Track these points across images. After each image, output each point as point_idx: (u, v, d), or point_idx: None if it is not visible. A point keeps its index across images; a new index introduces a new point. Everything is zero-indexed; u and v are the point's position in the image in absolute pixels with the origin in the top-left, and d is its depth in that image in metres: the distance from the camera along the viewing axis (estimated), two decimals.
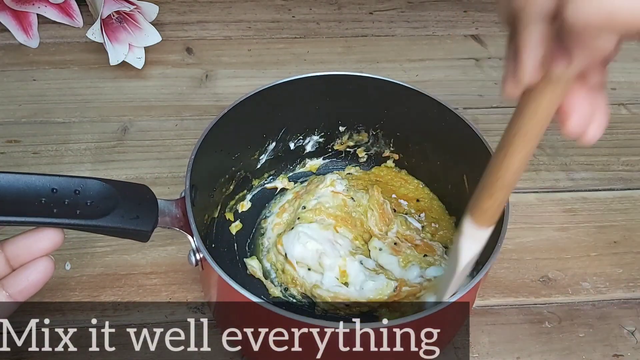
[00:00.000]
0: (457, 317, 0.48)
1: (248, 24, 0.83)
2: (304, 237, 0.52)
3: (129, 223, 0.42)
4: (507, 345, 0.53)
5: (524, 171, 0.35)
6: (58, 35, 0.79)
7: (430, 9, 0.86)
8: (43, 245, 0.41)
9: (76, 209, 0.41)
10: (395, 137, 0.60)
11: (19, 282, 0.41)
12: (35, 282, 0.41)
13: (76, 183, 0.42)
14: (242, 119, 0.53)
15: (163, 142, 0.67)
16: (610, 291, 0.57)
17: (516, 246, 0.60)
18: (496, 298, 0.56)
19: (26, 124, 0.68)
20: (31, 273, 0.41)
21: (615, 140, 0.70)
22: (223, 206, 0.57)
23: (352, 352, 0.43)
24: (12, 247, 0.41)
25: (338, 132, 0.60)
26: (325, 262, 0.52)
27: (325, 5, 0.86)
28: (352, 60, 0.78)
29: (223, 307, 0.47)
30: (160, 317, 0.53)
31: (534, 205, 0.63)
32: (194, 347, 0.52)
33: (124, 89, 0.73)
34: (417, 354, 0.48)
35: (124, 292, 0.55)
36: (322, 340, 0.42)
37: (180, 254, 0.57)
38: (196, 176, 0.48)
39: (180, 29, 0.81)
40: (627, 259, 0.59)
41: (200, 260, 0.44)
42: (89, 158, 0.65)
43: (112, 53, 0.71)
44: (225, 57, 0.78)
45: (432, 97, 0.53)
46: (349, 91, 0.56)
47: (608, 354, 0.53)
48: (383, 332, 0.41)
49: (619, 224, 0.62)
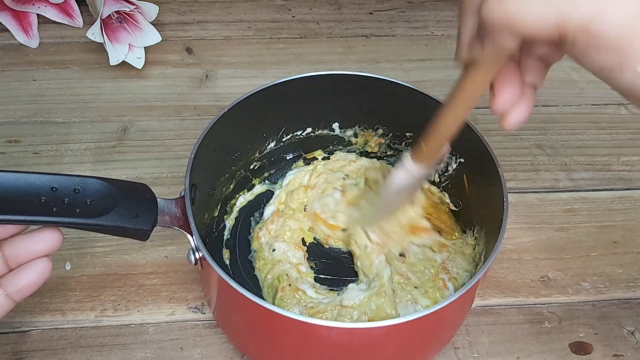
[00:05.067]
0: (457, 316, 0.48)
1: (248, 24, 0.83)
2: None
3: (129, 222, 0.42)
4: (507, 345, 0.53)
5: (456, 128, 0.42)
6: (58, 35, 0.79)
7: (430, 9, 0.86)
8: (41, 247, 0.41)
9: (76, 207, 0.41)
10: (395, 137, 0.60)
11: (17, 281, 0.41)
12: (33, 282, 0.41)
13: (76, 182, 0.42)
14: (242, 118, 0.53)
15: (163, 142, 0.67)
16: (610, 291, 0.57)
17: (516, 246, 0.60)
18: (496, 298, 0.56)
19: (26, 124, 0.68)
20: (29, 273, 0.41)
21: (615, 140, 0.70)
22: (223, 205, 0.57)
23: (351, 350, 0.43)
24: (10, 247, 0.41)
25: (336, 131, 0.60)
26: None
27: (325, 5, 0.86)
28: (352, 60, 0.78)
29: (223, 307, 0.47)
30: (160, 317, 0.53)
31: (534, 205, 0.63)
32: (193, 347, 0.52)
33: (124, 89, 0.73)
34: (417, 354, 0.48)
35: (124, 292, 0.55)
36: (321, 339, 0.42)
37: (180, 254, 0.57)
38: (196, 175, 0.48)
39: (180, 29, 0.81)
40: (627, 259, 0.59)
41: (200, 260, 0.44)
42: (89, 158, 0.65)
43: (112, 53, 0.71)
44: (225, 57, 0.78)
45: (432, 97, 0.53)
46: (349, 91, 0.56)
47: (608, 354, 0.53)
48: (382, 331, 0.41)
49: (619, 224, 0.62)
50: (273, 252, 0.55)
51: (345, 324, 0.42)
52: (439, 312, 0.40)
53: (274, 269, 0.54)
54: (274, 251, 0.55)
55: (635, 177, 0.67)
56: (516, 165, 0.67)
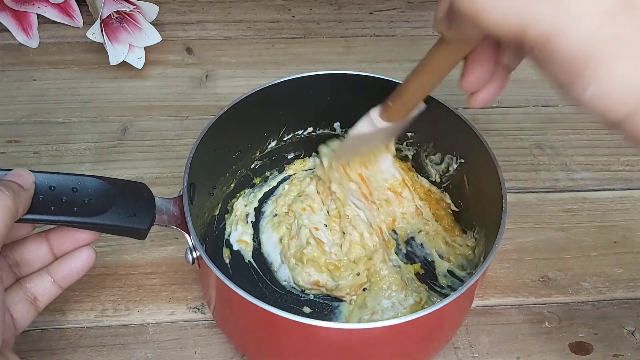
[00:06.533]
0: (456, 316, 0.48)
1: (248, 24, 0.83)
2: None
3: (126, 221, 0.42)
4: (507, 345, 0.53)
5: (422, 95, 0.45)
6: (58, 35, 0.79)
7: (430, 9, 0.86)
8: (85, 236, 0.44)
9: (73, 206, 0.41)
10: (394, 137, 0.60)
11: (63, 268, 0.44)
12: (78, 269, 0.44)
13: (74, 180, 0.42)
14: (242, 118, 0.53)
15: (163, 142, 0.67)
16: (610, 291, 0.57)
17: (516, 246, 0.60)
18: (496, 298, 0.56)
19: (26, 124, 0.68)
20: (75, 261, 0.44)
21: (615, 140, 0.70)
22: (224, 204, 0.57)
23: (351, 350, 0.43)
24: (56, 236, 0.44)
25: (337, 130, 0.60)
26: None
27: (325, 5, 0.86)
28: (352, 60, 0.78)
29: (221, 307, 0.47)
30: (160, 317, 0.53)
31: (534, 205, 0.63)
32: (193, 347, 0.52)
33: (124, 89, 0.73)
34: (417, 354, 0.48)
35: (124, 292, 0.55)
36: (321, 340, 0.42)
37: (180, 254, 0.57)
38: (195, 174, 0.48)
39: (180, 29, 0.81)
40: (627, 259, 0.59)
41: (197, 259, 0.44)
42: (89, 158, 0.65)
43: (112, 53, 0.71)
44: (225, 57, 0.78)
45: (432, 97, 0.53)
46: (350, 91, 0.56)
47: (608, 354, 0.53)
48: (381, 331, 0.41)
49: (619, 224, 0.62)
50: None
51: (345, 324, 0.42)
52: (438, 312, 0.40)
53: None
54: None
55: (635, 177, 0.67)
56: (516, 165, 0.67)
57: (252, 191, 0.60)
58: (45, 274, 0.44)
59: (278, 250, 0.56)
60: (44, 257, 0.44)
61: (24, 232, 0.43)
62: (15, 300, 0.43)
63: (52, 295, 0.44)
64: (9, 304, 0.42)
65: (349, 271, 0.54)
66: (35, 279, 0.44)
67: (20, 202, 0.38)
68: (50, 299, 0.44)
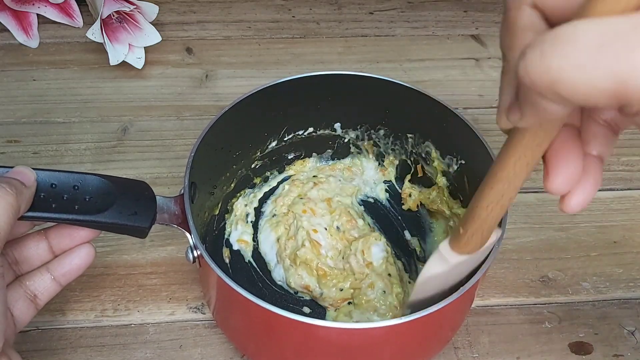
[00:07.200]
0: (456, 317, 0.48)
1: (248, 24, 0.83)
2: None
3: (127, 219, 0.42)
4: (507, 345, 0.53)
5: (501, 211, 0.35)
6: (58, 35, 0.79)
7: (430, 9, 0.86)
8: (84, 234, 0.44)
9: (75, 204, 0.41)
10: (395, 137, 0.60)
11: (62, 265, 0.44)
12: (77, 267, 0.44)
13: (75, 178, 0.42)
14: (242, 117, 0.53)
15: (163, 142, 0.67)
16: (610, 291, 0.57)
17: (516, 246, 0.60)
18: (496, 298, 0.56)
19: (26, 124, 0.68)
20: (74, 258, 0.44)
21: None
22: (224, 204, 0.57)
23: (351, 350, 0.43)
24: (55, 234, 0.44)
25: (336, 130, 0.60)
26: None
27: (325, 5, 0.86)
28: (352, 60, 0.78)
29: (222, 306, 0.47)
30: (160, 317, 0.53)
31: (534, 205, 0.63)
32: (193, 347, 0.52)
33: (124, 89, 0.73)
34: (417, 354, 0.48)
35: (124, 292, 0.55)
36: (321, 339, 0.42)
37: (180, 253, 0.57)
38: (196, 173, 0.48)
39: (180, 29, 0.81)
40: (627, 259, 0.59)
41: (198, 258, 0.44)
42: (89, 158, 0.65)
43: (112, 53, 0.71)
44: (225, 57, 0.78)
45: (432, 97, 0.53)
46: (350, 91, 0.56)
47: (608, 354, 0.53)
48: (381, 331, 0.41)
49: (619, 224, 0.62)
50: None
51: (345, 324, 0.42)
52: (438, 312, 0.40)
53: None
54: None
55: (635, 177, 0.67)
56: None
57: (252, 191, 0.60)
58: (44, 271, 0.44)
59: (275, 250, 0.56)
60: (43, 255, 0.44)
61: (23, 230, 0.44)
62: (15, 298, 0.43)
63: (52, 292, 0.44)
64: (9, 302, 0.42)
65: (334, 281, 0.53)
66: (35, 276, 0.44)
67: (22, 199, 0.38)
68: (50, 297, 0.45)
